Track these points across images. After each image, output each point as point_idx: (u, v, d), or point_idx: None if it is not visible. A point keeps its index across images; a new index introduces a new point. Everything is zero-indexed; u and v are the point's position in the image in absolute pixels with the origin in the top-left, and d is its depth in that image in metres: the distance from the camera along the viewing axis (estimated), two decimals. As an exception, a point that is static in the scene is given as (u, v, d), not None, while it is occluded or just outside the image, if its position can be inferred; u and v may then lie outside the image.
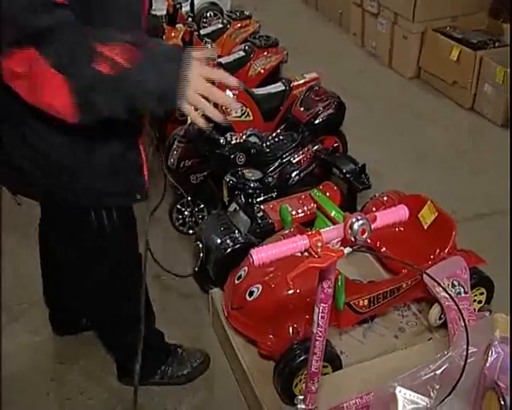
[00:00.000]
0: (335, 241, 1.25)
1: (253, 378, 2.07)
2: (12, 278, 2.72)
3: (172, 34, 3.79)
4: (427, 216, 2.23)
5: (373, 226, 1.25)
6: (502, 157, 3.71)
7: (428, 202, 2.27)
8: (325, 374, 1.99)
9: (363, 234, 1.22)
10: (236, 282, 2.16)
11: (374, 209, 2.42)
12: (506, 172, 3.52)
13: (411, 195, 2.42)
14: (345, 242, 1.26)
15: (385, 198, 2.53)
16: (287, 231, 2.26)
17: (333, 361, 2.03)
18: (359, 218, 1.21)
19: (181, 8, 4.14)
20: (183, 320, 2.56)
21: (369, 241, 2.35)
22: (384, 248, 2.38)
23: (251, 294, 2.08)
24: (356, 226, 1.21)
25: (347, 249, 1.25)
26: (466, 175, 3.59)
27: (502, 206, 3.24)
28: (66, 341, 2.48)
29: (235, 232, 2.47)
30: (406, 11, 4.64)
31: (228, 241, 2.43)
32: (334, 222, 1.99)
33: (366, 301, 2.10)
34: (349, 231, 1.22)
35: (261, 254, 1.20)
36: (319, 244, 1.21)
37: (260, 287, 2.07)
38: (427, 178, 3.53)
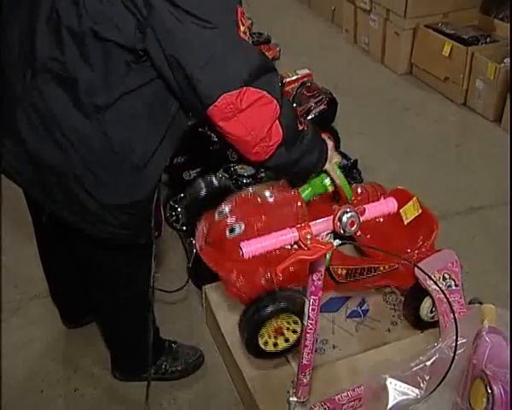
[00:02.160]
0: (325, 233, 1.26)
1: (246, 374, 2.08)
2: (3, 276, 2.72)
3: None
4: (410, 212, 2.22)
5: (362, 219, 1.26)
6: (493, 152, 3.75)
7: (414, 199, 2.26)
8: (295, 332, 1.99)
9: (352, 226, 1.24)
10: (217, 217, 2.13)
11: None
12: (496, 167, 3.55)
13: (397, 189, 2.40)
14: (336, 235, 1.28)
15: (362, 193, 2.46)
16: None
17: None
18: (348, 210, 1.23)
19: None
20: (177, 316, 2.58)
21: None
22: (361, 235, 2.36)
23: (232, 230, 2.03)
24: (345, 219, 1.23)
25: (336, 242, 1.27)
26: (457, 169, 3.61)
27: (491, 200, 3.28)
28: (59, 338, 2.49)
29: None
30: (398, 7, 4.65)
31: (200, 182, 2.41)
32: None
33: (344, 272, 2.08)
34: (338, 224, 1.24)
35: (251, 247, 1.21)
36: (308, 237, 1.23)
37: (243, 225, 2.02)
38: (417, 172, 3.55)
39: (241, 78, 1.44)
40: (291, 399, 1.57)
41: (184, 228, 2.98)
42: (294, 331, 1.99)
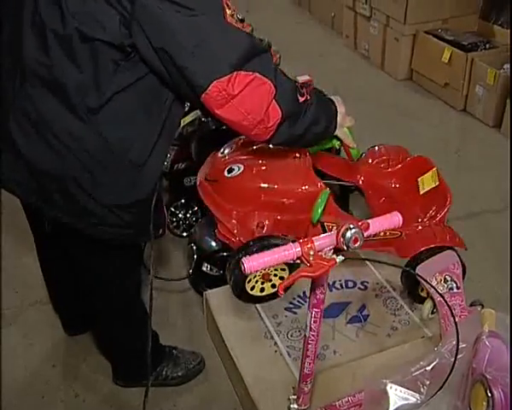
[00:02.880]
0: (328, 249, 1.25)
1: (247, 380, 2.08)
2: (3, 282, 2.72)
3: None
4: (427, 182, 2.21)
5: (366, 234, 1.26)
6: (492, 157, 3.75)
7: (433, 170, 2.26)
8: (282, 278, 1.98)
9: (355, 243, 1.22)
10: (219, 155, 2.11)
11: (370, 161, 2.44)
12: (496, 172, 3.55)
13: (419, 157, 2.39)
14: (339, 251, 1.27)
15: (384, 155, 2.49)
16: None
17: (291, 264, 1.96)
18: (352, 226, 1.22)
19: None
20: (178, 322, 2.58)
21: (360, 183, 2.38)
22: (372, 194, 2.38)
23: (230, 171, 2.03)
24: (348, 235, 1.21)
25: (339, 258, 1.25)
26: (456, 174, 3.60)
27: (492, 205, 3.28)
28: (59, 343, 2.49)
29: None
30: (398, 14, 4.67)
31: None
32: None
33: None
34: (341, 240, 1.22)
35: (253, 263, 1.20)
36: (311, 253, 1.22)
37: (242, 167, 2.02)
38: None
39: (230, 63, 1.43)
40: (292, 406, 1.57)
41: (185, 234, 2.99)
42: (282, 278, 1.99)
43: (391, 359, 2.03)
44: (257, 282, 1.97)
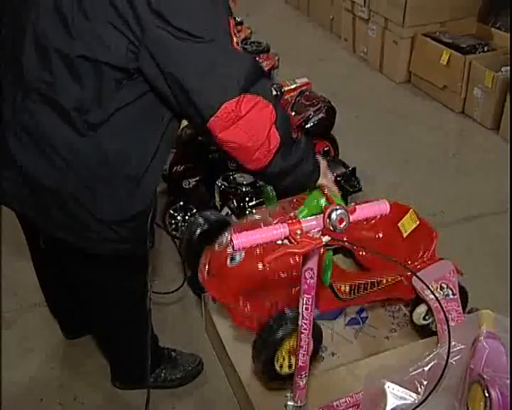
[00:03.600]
0: (315, 230, 1.29)
1: (246, 382, 2.09)
2: (1, 286, 2.73)
3: None
4: (408, 225, 2.24)
5: (352, 217, 1.29)
6: (491, 160, 3.76)
7: (410, 211, 2.27)
8: None
9: (341, 223, 1.26)
10: (217, 248, 2.14)
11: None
12: (494, 174, 3.56)
13: (396, 203, 2.41)
14: (326, 232, 1.30)
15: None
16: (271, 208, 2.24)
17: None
18: (338, 208, 1.26)
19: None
20: (176, 324, 2.58)
21: (346, 244, 2.37)
22: (361, 252, 2.37)
23: (232, 259, 2.04)
24: (334, 216, 1.25)
25: (325, 238, 1.29)
26: (455, 177, 3.63)
27: (490, 208, 3.29)
28: (58, 346, 2.49)
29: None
30: (396, 17, 4.69)
31: (200, 219, 2.33)
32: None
33: (348, 288, 2.08)
34: (327, 221, 1.26)
35: (241, 239, 1.23)
36: (298, 232, 1.25)
37: (243, 253, 2.03)
38: (416, 180, 3.57)
39: (239, 85, 1.45)
40: (288, 403, 1.58)
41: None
42: None
43: (389, 361, 2.03)
44: (284, 359, 1.97)
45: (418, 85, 4.75)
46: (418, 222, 2.23)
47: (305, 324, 1.43)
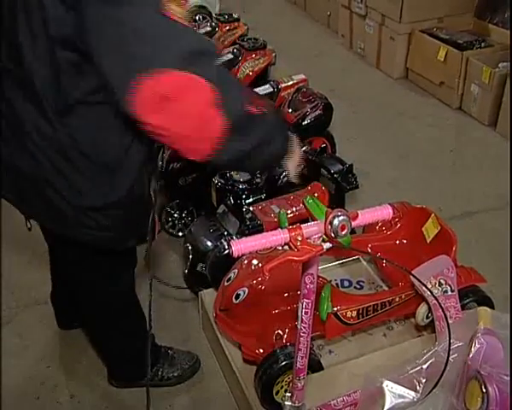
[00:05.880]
0: (316, 236, 1.26)
1: (242, 380, 2.08)
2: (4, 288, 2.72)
3: None
4: (431, 230, 2.23)
5: (354, 224, 1.26)
6: (488, 156, 3.76)
7: (432, 216, 2.28)
8: None
9: (343, 230, 1.23)
10: (226, 284, 2.17)
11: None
12: (492, 171, 3.56)
13: (417, 207, 2.42)
14: (327, 239, 1.27)
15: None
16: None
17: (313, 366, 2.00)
18: (339, 214, 1.22)
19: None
20: (173, 322, 2.57)
21: (369, 250, 2.38)
22: (383, 260, 2.38)
23: (237, 297, 2.09)
24: (336, 222, 1.22)
25: (327, 245, 1.26)
26: (452, 173, 3.62)
27: (489, 204, 3.28)
28: (55, 344, 2.49)
29: (229, 235, 2.47)
30: (393, 12, 4.67)
31: (224, 243, 2.44)
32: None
33: (354, 313, 2.07)
34: (329, 227, 1.23)
35: (240, 245, 1.21)
36: (299, 238, 1.22)
37: (246, 290, 2.08)
38: (413, 176, 3.57)
39: (162, 60, 1.26)
40: (286, 403, 1.57)
41: (180, 234, 2.98)
42: None
43: (387, 358, 2.03)
44: (282, 388, 2.01)
45: (415, 81, 4.74)
46: (439, 227, 2.24)
47: (304, 327, 1.42)
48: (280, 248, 1.41)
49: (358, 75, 4.98)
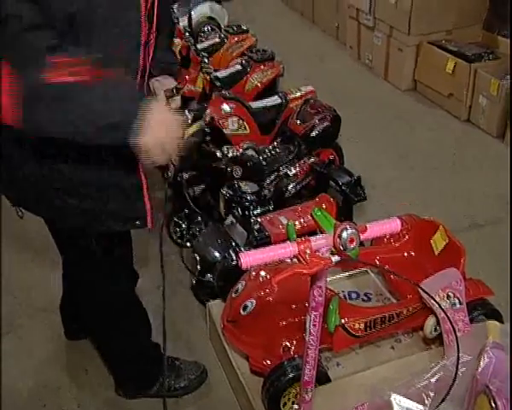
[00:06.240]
0: (325, 249, 1.26)
1: (249, 390, 2.08)
2: (5, 291, 2.73)
3: (186, 77, 3.74)
4: (439, 242, 2.23)
5: (363, 237, 1.26)
6: (496, 166, 3.75)
7: (440, 228, 2.27)
8: None
9: (351, 243, 1.23)
10: (233, 295, 2.18)
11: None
12: (501, 181, 3.54)
13: (425, 219, 2.42)
14: (336, 252, 1.28)
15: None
16: None
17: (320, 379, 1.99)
18: (348, 227, 1.23)
19: (178, 22, 4.18)
20: (180, 332, 2.57)
21: (377, 262, 2.38)
22: (391, 271, 2.37)
23: (245, 308, 2.09)
24: (345, 235, 1.22)
25: (335, 258, 1.26)
26: (460, 184, 3.61)
27: (496, 214, 3.28)
28: (62, 351, 2.50)
29: (237, 246, 2.48)
30: (401, 24, 4.68)
31: (232, 254, 2.45)
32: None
33: (362, 325, 2.06)
34: (338, 240, 1.23)
35: (249, 258, 1.21)
36: (308, 251, 1.23)
37: (254, 302, 2.08)
38: (422, 187, 3.56)
39: None
40: (294, 416, 1.57)
41: (188, 244, 2.98)
42: None
43: (394, 371, 2.02)
44: (289, 400, 2.01)
45: (423, 93, 4.74)
46: (448, 239, 2.23)
47: (312, 339, 1.42)
48: (289, 260, 1.41)
49: (366, 86, 4.98)
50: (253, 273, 2.17)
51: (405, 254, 2.41)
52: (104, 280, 1.96)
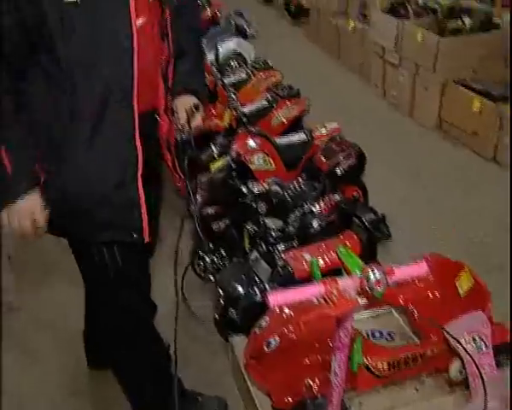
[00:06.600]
0: (352, 290, 1.27)
1: (271, 427, 2.07)
2: (31, 321, 2.76)
3: (213, 111, 3.79)
4: (464, 284, 2.21)
5: (390, 280, 1.27)
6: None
7: (465, 269, 2.26)
8: None
9: (378, 286, 1.24)
10: (257, 331, 2.17)
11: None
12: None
13: (449, 260, 2.40)
14: (362, 293, 1.28)
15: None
16: None
17: None
18: (375, 270, 1.24)
19: (205, 57, 4.25)
20: (203, 366, 2.57)
21: (401, 302, 2.37)
22: (416, 312, 2.35)
23: (269, 345, 2.08)
24: (372, 277, 1.23)
25: (363, 300, 1.27)
26: (486, 226, 3.58)
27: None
28: (82, 383, 2.52)
29: (261, 282, 2.48)
30: (427, 62, 4.71)
31: (256, 290, 2.45)
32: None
33: (386, 365, 2.05)
34: (365, 282, 1.24)
35: (277, 297, 1.23)
36: (335, 292, 1.23)
37: (278, 339, 2.07)
38: (445, 226, 3.55)
39: None
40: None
41: (211, 277, 2.99)
42: None
43: (419, 413, 1.99)
44: None
45: (449, 131, 4.74)
46: (473, 281, 2.21)
47: (338, 381, 1.42)
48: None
49: (391, 124, 5.01)
50: (277, 310, 2.17)
51: (430, 294, 2.39)
52: (121, 308, 1.99)
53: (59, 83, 1.64)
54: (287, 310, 2.16)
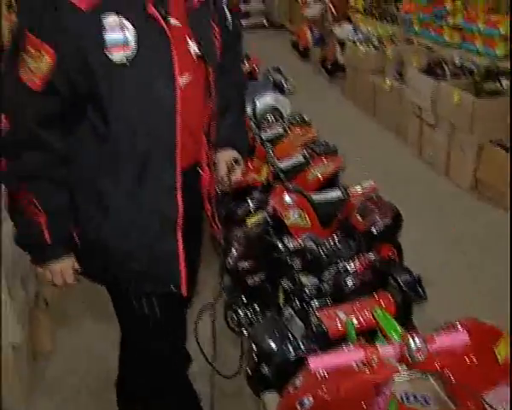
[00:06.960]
0: (391, 357, 1.27)
1: None
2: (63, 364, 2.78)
3: (250, 166, 3.83)
4: (504, 350, 2.17)
5: (430, 348, 1.27)
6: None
7: (504, 336, 2.22)
8: None
9: (419, 354, 1.24)
10: (291, 390, 2.16)
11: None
12: None
13: (487, 324, 2.36)
14: (402, 360, 1.28)
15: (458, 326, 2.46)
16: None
17: None
18: (416, 337, 1.24)
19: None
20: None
21: (437, 367, 2.33)
22: (452, 377, 2.31)
23: (302, 404, 2.06)
24: (412, 345, 1.24)
25: (403, 367, 1.27)
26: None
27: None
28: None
29: (294, 339, 2.48)
30: (463, 123, 4.73)
31: (289, 346, 2.45)
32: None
33: None
34: (405, 349, 1.24)
35: (317, 361, 1.24)
36: (375, 358, 1.24)
37: (312, 399, 2.05)
38: (482, 289, 3.51)
39: None
40: None
41: (245, 332, 3.00)
42: None
43: None
44: None
45: (485, 192, 4.72)
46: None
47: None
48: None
49: (427, 184, 5.01)
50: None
51: (467, 359, 2.35)
52: (155, 358, 2.01)
53: (104, 137, 1.68)
54: (321, 370, 2.14)
